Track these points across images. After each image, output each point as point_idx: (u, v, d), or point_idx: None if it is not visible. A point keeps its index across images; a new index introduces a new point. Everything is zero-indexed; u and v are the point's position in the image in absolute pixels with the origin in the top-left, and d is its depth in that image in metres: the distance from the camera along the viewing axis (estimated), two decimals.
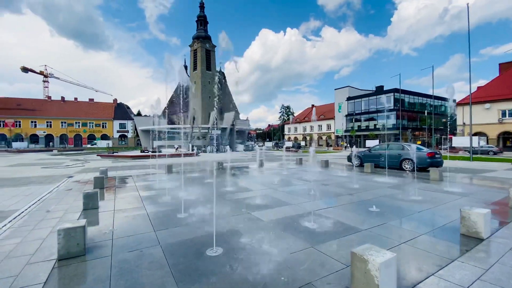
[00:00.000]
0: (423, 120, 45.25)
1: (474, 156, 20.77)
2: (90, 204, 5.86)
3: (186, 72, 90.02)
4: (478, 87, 39.36)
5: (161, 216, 5.23)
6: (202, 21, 74.07)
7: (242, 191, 7.56)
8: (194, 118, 34.61)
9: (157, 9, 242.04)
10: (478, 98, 34.40)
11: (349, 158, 15.04)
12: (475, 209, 3.97)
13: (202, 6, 74.04)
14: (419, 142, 35.68)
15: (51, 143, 55.05)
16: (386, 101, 45.34)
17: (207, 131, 35.53)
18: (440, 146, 32.31)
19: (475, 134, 31.40)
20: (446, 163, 15.83)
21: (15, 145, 42.65)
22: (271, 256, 3.33)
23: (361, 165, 13.49)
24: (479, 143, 25.85)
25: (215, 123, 35.57)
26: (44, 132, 56.11)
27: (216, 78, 72.60)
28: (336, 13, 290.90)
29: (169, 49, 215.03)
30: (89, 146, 52.66)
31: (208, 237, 3.92)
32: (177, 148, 31.36)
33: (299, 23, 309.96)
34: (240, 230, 4.32)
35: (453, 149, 28.77)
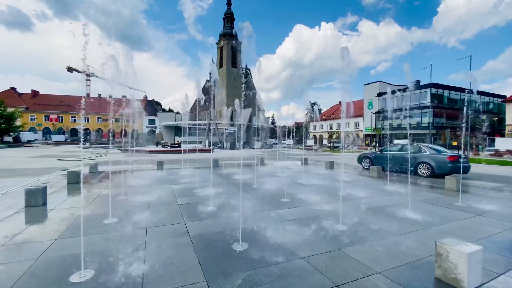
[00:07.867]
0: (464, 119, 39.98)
1: None
2: (33, 201, 5.53)
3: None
4: None
5: (80, 222, 4.64)
6: (229, 18, 74.24)
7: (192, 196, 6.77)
8: (210, 114, 34.56)
9: (195, 11, 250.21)
10: None
11: (360, 160, 13.38)
12: (457, 245, 2.68)
13: (229, 3, 74.21)
14: (454, 143, 31.50)
15: (88, 136, 59.67)
16: (420, 97, 40.90)
17: (224, 127, 35.31)
18: (483, 148, 27.93)
19: None
20: (480, 169, 13.35)
21: (54, 138, 47.06)
22: None
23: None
24: None
25: (232, 119, 35.17)
26: (82, 126, 61.00)
27: (241, 75, 72.57)
28: (376, 6, 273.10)
29: (205, 48, 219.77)
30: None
31: (89, 255, 3.20)
32: (179, 143, 31.78)
33: (335, 17, 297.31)
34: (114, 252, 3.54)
35: (498, 152, 24.62)
